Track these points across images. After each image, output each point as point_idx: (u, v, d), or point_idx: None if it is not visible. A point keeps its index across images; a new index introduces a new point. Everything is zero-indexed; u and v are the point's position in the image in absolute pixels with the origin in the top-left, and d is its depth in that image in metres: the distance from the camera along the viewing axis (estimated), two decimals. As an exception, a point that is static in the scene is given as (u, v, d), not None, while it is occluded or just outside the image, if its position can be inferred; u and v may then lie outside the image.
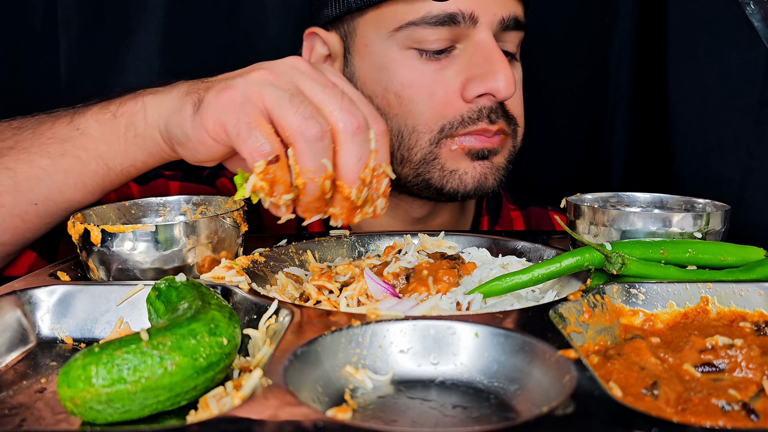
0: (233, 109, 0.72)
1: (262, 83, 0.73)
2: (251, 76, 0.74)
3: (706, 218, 0.82)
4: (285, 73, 0.75)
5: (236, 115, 0.71)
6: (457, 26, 1.03)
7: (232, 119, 0.71)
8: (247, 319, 0.69)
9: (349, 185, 0.73)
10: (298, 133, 0.70)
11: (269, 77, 0.74)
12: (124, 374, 0.50)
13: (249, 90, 0.73)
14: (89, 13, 1.51)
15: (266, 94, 0.72)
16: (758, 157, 1.12)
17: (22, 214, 0.86)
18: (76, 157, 0.84)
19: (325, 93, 0.73)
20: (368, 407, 0.55)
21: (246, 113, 0.71)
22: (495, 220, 1.33)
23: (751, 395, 0.53)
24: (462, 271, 0.79)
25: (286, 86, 0.73)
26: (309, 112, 0.70)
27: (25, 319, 0.71)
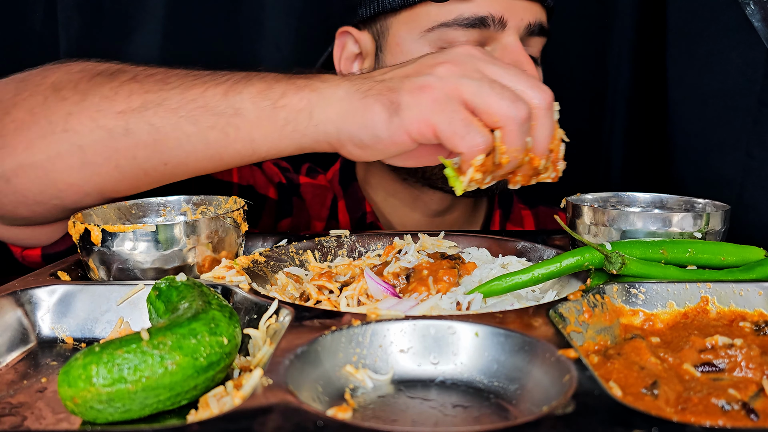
0: (440, 109, 0.72)
1: (454, 76, 0.73)
2: (439, 71, 0.74)
3: (706, 218, 0.82)
4: (467, 62, 0.76)
5: (447, 114, 0.72)
6: (487, 29, 1.07)
7: (444, 119, 0.71)
8: (248, 319, 0.69)
9: (540, 156, 0.76)
10: (509, 117, 0.71)
11: (456, 69, 0.74)
12: (125, 374, 0.50)
13: (446, 86, 0.73)
14: (89, 13, 1.51)
15: (463, 87, 0.72)
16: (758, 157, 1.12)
17: (149, 170, 0.84)
18: (225, 134, 0.81)
19: (510, 75, 0.75)
20: (368, 407, 0.55)
21: (456, 110, 0.72)
22: (506, 215, 1.37)
23: (751, 395, 0.53)
24: (462, 271, 0.79)
25: (476, 75, 0.74)
26: (512, 96, 0.72)
27: (26, 319, 0.71)
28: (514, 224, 1.37)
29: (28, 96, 0.85)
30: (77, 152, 0.82)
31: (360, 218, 1.30)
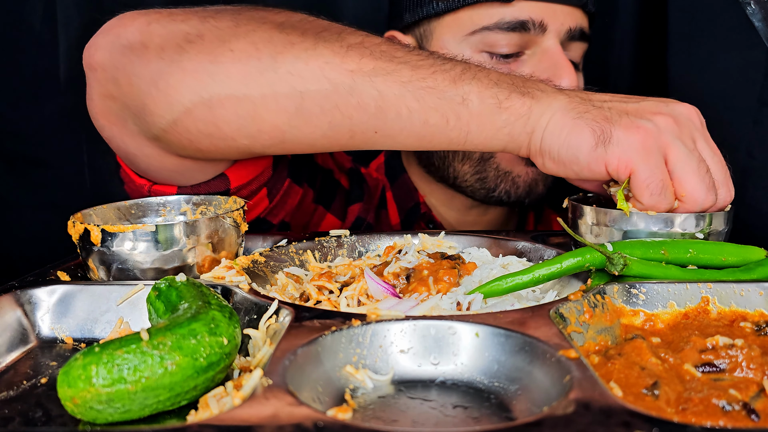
0: (646, 157, 0.75)
1: (671, 134, 0.76)
2: (659, 121, 0.77)
3: (709, 219, 0.82)
4: (686, 125, 0.79)
5: (650, 165, 0.75)
6: (527, 33, 1.10)
7: (645, 168, 0.75)
8: (248, 319, 0.69)
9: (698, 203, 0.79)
10: (695, 201, 0.77)
11: (675, 128, 0.77)
12: (125, 374, 0.50)
13: (660, 139, 0.76)
14: (89, 13, 1.51)
15: (674, 149, 0.76)
16: (758, 157, 1.11)
17: (357, 132, 0.84)
18: (445, 119, 0.81)
19: (716, 161, 0.79)
20: (368, 407, 0.54)
21: (659, 166, 0.76)
22: (538, 218, 1.40)
23: (752, 395, 0.53)
24: (462, 271, 0.79)
25: (690, 144, 0.77)
26: (710, 183, 0.77)
27: (26, 319, 0.71)
28: (544, 226, 1.41)
29: (250, 30, 0.82)
30: (296, 97, 0.80)
31: (413, 208, 1.32)
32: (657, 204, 0.78)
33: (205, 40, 0.82)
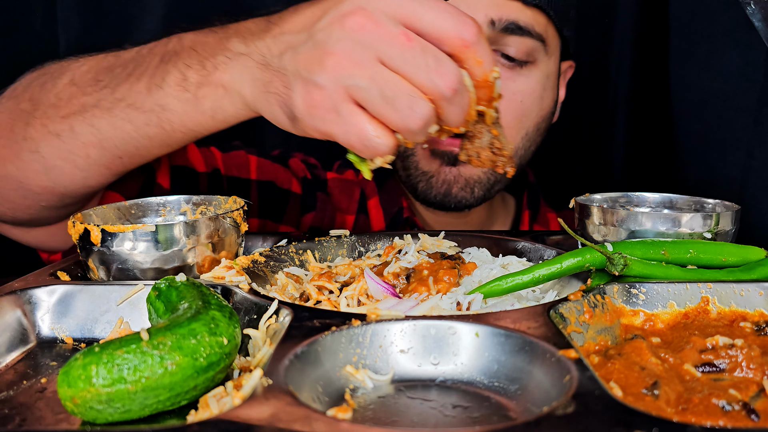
0: (332, 121, 0.69)
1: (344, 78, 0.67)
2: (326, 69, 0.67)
3: (716, 219, 0.82)
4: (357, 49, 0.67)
5: (340, 127, 0.68)
6: None
7: (338, 131, 0.69)
8: (247, 319, 0.69)
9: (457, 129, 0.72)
10: (404, 129, 0.68)
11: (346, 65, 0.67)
12: (125, 374, 0.50)
13: (335, 92, 0.68)
14: (89, 13, 1.51)
15: (353, 92, 0.67)
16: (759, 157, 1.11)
17: (108, 164, 0.89)
18: (161, 129, 0.84)
19: (407, 62, 0.66)
20: (368, 407, 0.54)
21: (349, 123, 0.68)
22: (534, 216, 1.38)
23: (752, 395, 0.53)
24: (462, 271, 0.79)
25: (367, 73, 0.66)
26: (406, 103, 0.66)
27: (25, 319, 0.71)
28: (541, 225, 1.38)
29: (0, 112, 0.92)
30: (38, 158, 0.87)
31: (396, 213, 1.31)
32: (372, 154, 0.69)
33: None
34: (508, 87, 1.11)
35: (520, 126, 1.15)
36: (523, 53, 1.11)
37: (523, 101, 1.13)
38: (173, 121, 0.84)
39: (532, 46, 1.11)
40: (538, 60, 1.14)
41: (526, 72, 1.13)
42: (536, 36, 1.10)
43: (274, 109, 0.74)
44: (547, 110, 1.20)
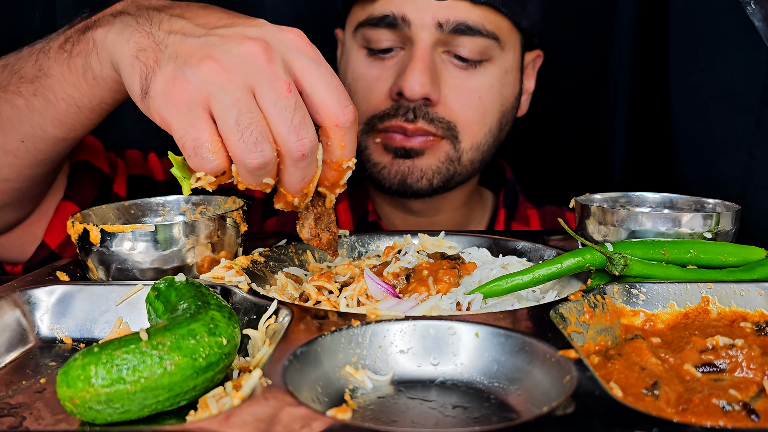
0: (180, 116, 0.67)
1: (211, 84, 0.66)
2: (201, 71, 0.66)
3: (716, 218, 0.82)
4: (237, 71, 0.67)
5: (183, 124, 0.66)
6: (397, 28, 1.09)
7: (179, 127, 0.67)
8: (247, 320, 0.68)
9: (293, 195, 0.73)
10: (240, 161, 0.67)
11: (220, 77, 0.66)
12: (124, 374, 0.50)
13: (198, 92, 0.66)
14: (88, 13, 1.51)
15: (214, 102, 0.66)
16: (760, 157, 1.11)
17: (14, 151, 0.88)
18: (45, 98, 0.84)
19: (277, 108, 0.67)
20: (368, 407, 0.54)
21: (193, 126, 0.66)
22: (512, 214, 1.37)
23: (752, 395, 0.53)
24: (462, 271, 0.79)
25: (236, 94, 0.66)
26: (254, 139, 0.66)
27: (25, 319, 0.71)
28: (520, 223, 1.37)
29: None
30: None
31: (362, 217, 1.31)
32: (197, 166, 0.67)
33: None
34: (465, 85, 1.13)
35: (483, 123, 1.16)
36: (476, 53, 1.11)
37: (481, 98, 1.14)
38: (54, 88, 0.84)
39: (484, 44, 1.11)
40: (493, 57, 1.14)
41: (481, 70, 1.14)
42: (488, 34, 1.10)
43: (134, 76, 0.71)
44: (508, 104, 1.20)
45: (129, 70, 0.72)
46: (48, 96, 0.84)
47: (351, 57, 1.18)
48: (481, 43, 1.10)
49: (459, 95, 1.12)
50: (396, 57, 1.13)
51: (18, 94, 0.85)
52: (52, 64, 0.83)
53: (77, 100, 0.84)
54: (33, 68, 0.84)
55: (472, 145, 1.16)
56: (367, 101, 1.14)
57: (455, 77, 1.12)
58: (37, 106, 0.85)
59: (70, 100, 0.84)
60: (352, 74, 1.18)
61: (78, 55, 0.81)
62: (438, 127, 1.12)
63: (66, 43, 0.82)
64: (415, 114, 1.10)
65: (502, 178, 1.41)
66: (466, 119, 1.13)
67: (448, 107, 1.12)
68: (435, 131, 1.12)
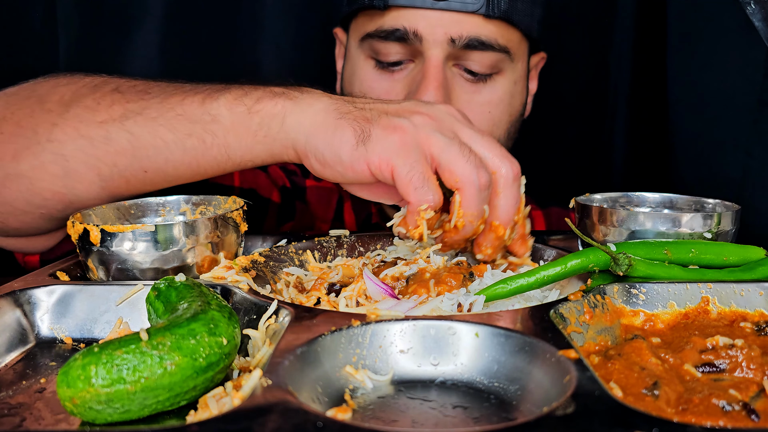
0: (405, 154, 0.74)
1: (428, 128, 0.76)
2: (416, 119, 0.77)
3: (717, 218, 0.82)
4: (444, 119, 0.79)
5: (409, 162, 0.74)
6: (408, 42, 1.07)
7: (404, 165, 0.74)
8: (247, 320, 0.68)
9: (505, 226, 0.79)
10: (469, 182, 0.74)
11: (433, 123, 0.77)
12: (124, 374, 0.50)
13: (418, 135, 0.75)
14: (89, 13, 1.51)
15: (434, 141, 0.75)
16: (758, 157, 1.11)
17: (129, 177, 0.87)
18: (201, 140, 0.83)
19: (483, 141, 0.78)
20: (368, 407, 0.54)
21: (419, 162, 0.74)
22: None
23: (752, 395, 0.53)
24: (475, 273, 0.79)
25: (449, 134, 0.76)
26: (477, 161, 0.75)
27: (25, 319, 0.71)
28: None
29: (16, 109, 0.88)
30: (61, 161, 0.85)
31: (366, 218, 1.30)
32: (421, 198, 0.74)
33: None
34: (475, 100, 1.11)
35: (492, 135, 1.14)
36: (486, 66, 1.10)
37: (491, 112, 1.13)
38: (216, 134, 0.83)
39: (495, 58, 1.10)
40: (503, 69, 1.13)
41: (491, 83, 1.13)
42: (500, 48, 1.09)
43: (342, 133, 0.76)
44: (516, 114, 1.20)
45: (331, 130, 0.77)
46: (205, 139, 0.83)
47: (358, 67, 1.16)
48: (493, 57, 1.09)
49: (469, 111, 1.09)
50: (406, 70, 1.11)
51: (170, 129, 0.83)
52: (224, 111, 0.82)
53: (233, 150, 0.84)
54: (199, 109, 0.83)
55: None
56: None
57: (466, 91, 1.11)
58: (187, 144, 0.83)
59: (225, 149, 0.84)
60: (359, 86, 1.15)
61: (257, 113, 0.82)
62: None
63: (245, 97, 0.83)
64: None
65: None
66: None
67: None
68: None
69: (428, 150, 0.75)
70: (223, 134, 0.83)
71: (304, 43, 1.61)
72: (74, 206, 0.88)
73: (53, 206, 0.88)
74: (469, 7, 1.04)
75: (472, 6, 1.04)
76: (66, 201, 0.88)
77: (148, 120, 0.84)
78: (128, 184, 0.88)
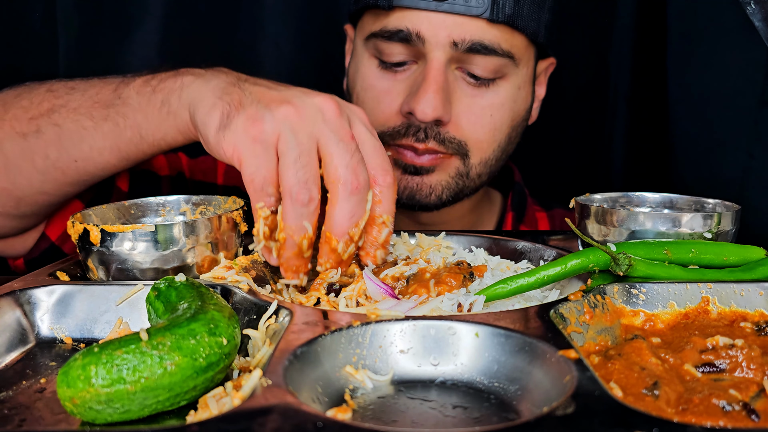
0: (253, 150, 0.75)
1: (285, 125, 0.75)
2: (279, 112, 0.76)
3: (717, 218, 0.82)
4: (309, 117, 0.77)
5: (256, 161, 0.74)
6: (411, 43, 1.07)
7: (252, 163, 0.74)
8: (247, 320, 0.68)
9: (337, 238, 0.76)
10: (287, 193, 0.73)
11: (293, 119, 0.76)
12: (124, 374, 0.50)
13: (272, 131, 0.75)
14: (89, 13, 1.51)
15: (282, 141, 0.75)
16: (758, 157, 1.12)
17: (63, 168, 0.93)
18: (115, 123, 0.90)
19: (339, 147, 0.76)
20: (368, 407, 0.54)
21: (264, 163, 0.74)
22: (520, 217, 1.37)
23: (752, 395, 0.53)
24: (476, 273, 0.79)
25: (301, 135, 0.75)
26: (305, 178, 0.73)
27: (25, 319, 0.71)
28: (528, 226, 1.37)
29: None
30: (1, 158, 0.94)
31: None
32: (260, 198, 0.75)
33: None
34: (477, 104, 1.11)
35: (492, 140, 1.15)
36: (489, 71, 1.09)
37: (492, 116, 1.13)
38: (127, 115, 0.89)
39: (499, 63, 1.09)
40: (507, 74, 1.12)
41: (494, 88, 1.12)
42: (503, 53, 1.08)
43: (213, 113, 0.78)
44: (519, 119, 1.19)
45: (208, 107, 0.80)
46: (118, 121, 0.89)
47: (361, 65, 1.17)
48: (496, 62, 1.09)
49: (470, 114, 1.11)
50: (408, 71, 1.12)
51: (88, 117, 0.91)
52: (132, 93, 0.89)
53: (144, 130, 0.89)
54: (112, 95, 0.91)
55: (480, 161, 1.15)
56: (375, 113, 1.12)
57: (467, 95, 1.11)
58: (104, 129, 0.90)
59: (137, 129, 0.89)
60: (361, 84, 1.16)
61: (161, 91, 0.87)
62: (449, 146, 1.11)
63: (153, 79, 0.89)
64: (426, 134, 1.09)
65: (511, 181, 1.40)
66: (476, 138, 1.12)
67: (460, 126, 1.11)
68: (445, 150, 1.11)
69: (275, 147, 0.75)
70: (132, 114, 0.89)
71: (304, 43, 1.61)
72: (24, 202, 0.97)
73: (5, 203, 0.97)
74: (472, 11, 1.04)
75: (475, 10, 1.04)
76: (14, 197, 0.96)
77: (71, 111, 0.92)
78: (65, 175, 0.94)
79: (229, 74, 0.86)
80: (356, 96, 1.17)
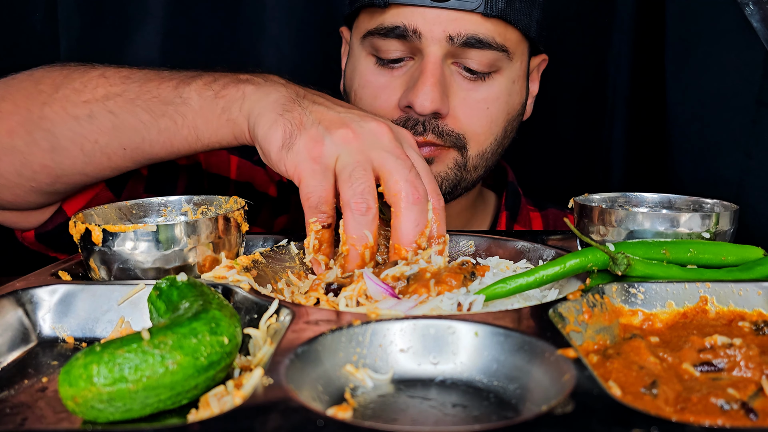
0: (313, 171, 0.80)
1: (342, 146, 0.80)
2: (337, 135, 0.81)
3: (716, 218, 0.82)
4: (365, 138, 0.81)
5: (314, 182, 0.79)
6: (407, 39, 1.09)
7: (310, 183, 0.80)
8: (248, 319, 0.69)
9: (405, 248, 0.80)
10: (347, 205, 0.78)
11: (352, 144, 0.80)
12: (126, 373, 0.50)
13: (331, 154, 0.80)
14: (89, 13, 1.51)
15: (340, 161, 0.80)
16: (756, 157, 1.12)
17: (110, 154, 0.95)
18: (173, 121, 0.91)
19: (396, 163, 0.80)
20: (368, 406, 0.55)
21: (323, 180, 0.80)
22: (514, 216, 1.38)
23: (750, 394, 0.53)
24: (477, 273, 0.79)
25: (358, 155, 0.80)
26: (361, 189, 0.78)
27: (27, 319, 0.71)
28: (522, 225, 1.38)
29: (14, 91, 0.97)
30: (49, 137, 0.94)
31: None
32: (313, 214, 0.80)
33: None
34: (473, 97, 1.13)
35: (489, 132, 1.16)
36: (485, 65, 1.11)
37: (489, 108, 1.14)
38: (186, 116, 0.90)
39: (493, 57, 1.11)
40: (501, 68, 1.13)
41: (489, 81, 1.13)
42: (498, 47, 1.10)
43: (276, 130, 0.82)
44: (514, 113, 1.21)
45: (269, 123, 0.83)
46: (177, 120, 0.91)
47: (359, 64, 1.18)
48: (491, 55, 1.10)
49: (467, 107, 1.12)
50: (405, 67, 1.13)
51: (146, 110, 0.92)
52: (194, 95, 0.91)
53: (201, 132, 0.91)
54: (172, 93, 0.92)
55: (478, 153, 1.16)
56: (373, 108, 1.14)
57: (464, 89, 1.12)
58: (161, 125, 0.92)
59: (195, 130, 0.91)
60: (359, 81, 1.17)
61: (222, 97, 0.89)
62: (447, 139, 1.12)
63: (214, 83, 0.91)
64: (425, 127, 1.10)
65: (504, 180, 1.41)
66: (473, 130, 1.14)
67: (457, 119, 1.12)
68: (443, 143, 1.12)
69: (333, 167, 0.80)
70: (192, 116, 0.90)
71: (304, 43, 1.61)
72: (61, 180, 0.97)
73: (42, 179, 0.97)
74: (467, 6, 1.06)
75: (470, 5, 1.06)
76: (53, 175, 0.96)
77: (127, 101, 0.92)
78: (110, 161, 0.96)
79: (288, 87, 0.89)
80: (354, 94, 1.18)
